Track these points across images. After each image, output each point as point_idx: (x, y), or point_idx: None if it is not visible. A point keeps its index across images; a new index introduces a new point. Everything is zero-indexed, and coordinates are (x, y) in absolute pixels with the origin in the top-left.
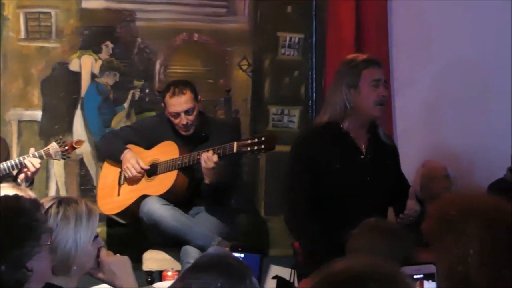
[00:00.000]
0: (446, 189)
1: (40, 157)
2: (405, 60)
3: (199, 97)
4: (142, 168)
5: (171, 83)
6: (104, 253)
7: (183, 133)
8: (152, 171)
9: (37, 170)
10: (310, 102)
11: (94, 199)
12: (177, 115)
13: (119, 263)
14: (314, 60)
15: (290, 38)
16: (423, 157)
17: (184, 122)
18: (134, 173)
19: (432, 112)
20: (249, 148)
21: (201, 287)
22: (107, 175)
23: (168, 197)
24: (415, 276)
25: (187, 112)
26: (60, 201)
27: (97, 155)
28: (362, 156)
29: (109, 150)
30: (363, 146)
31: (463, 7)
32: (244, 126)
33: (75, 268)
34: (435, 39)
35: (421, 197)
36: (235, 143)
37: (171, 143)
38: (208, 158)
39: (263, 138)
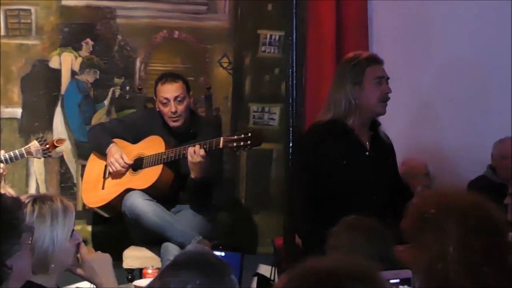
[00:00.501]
0: (426, 187)
1: (21, 155)
2: (385, 59)
3: (191, 93)
4: (126, 163)
5: (164, 73)
6: (85, 250)
7: (172, 123)
8: (137, 165)
9: (1, 175)
10: (290, 99)
11: (74, 196)
12: (167, 101)
13: (99, 261)
14: (294, 57)
15: (271, 36)
16: (407, 156)
17: (173, 109)
18: (118, 167)
19: (413, 109)
20: (235, 144)
21: (180, 285)
22: (93, 168)
23: (153, 191)
24: (391, 281)
25: (177, 99)
26: (35, 199)
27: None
28: (367, 153)
29: (96, 143)
30: (367, 143)
31: (449, 5)
32: (224, 124)
33: (53, 266)
34: (416, 37)
35: None
36: (222, 138)
37: (158, 138)
38: (194, 153)
39: (249, 135)
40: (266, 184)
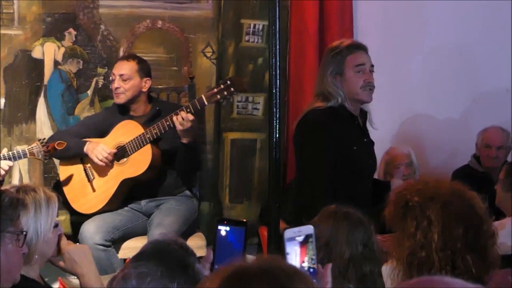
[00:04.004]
0: (408, 176)
1: (24, 155)
2: (370, 47)
3: (148, 79)
4: (111, 152)
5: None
6: (65, 241)
7: (115, 99)
8: (121, 154)
9: (7, 172)
10: (274, 89)
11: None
12: (113, 77)
13: (79, 251)
14: (277, 47)
15: (254, 25)
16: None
17: (115, 85)
18: (105, 155)
19: (398, 99)
20: (219, 96)
21: (140, 278)
22: (69, 177)
23: (149, 173)
24: (297, 238)
25: (122, 77)
26: (18, 190)
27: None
28: (365, 140)
29: (67, 146)
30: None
31: None
32: (208, 114)
33: (36, 256)
34: (403, 25)
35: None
36: (203, 95)
37: (130, 122)
38: (184, 119)
39: (228, 82)
40: (250, 174)
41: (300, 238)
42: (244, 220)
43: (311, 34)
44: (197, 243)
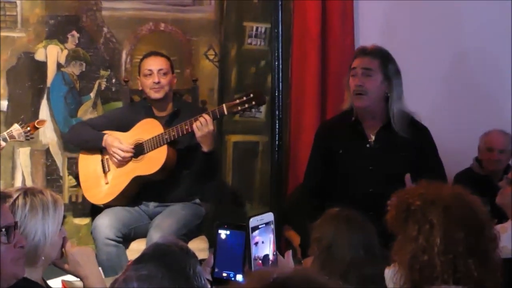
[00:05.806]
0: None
1: (4, 140)
2: None
3: (174, 75)
4: (129, 149)
5: (149, 52)
6: (69, 243)
7: (154, 94)
8: (138, 151)
9: None
10: (276, 92)
11: (60, 189)
12: (151, 72)
13: (83, 254)
14: (280, 50)
15: (257, 28)
16: None
17: (156, 79)
18: (123, 154)
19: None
20: (239, 108)
21: (141, 280)
22: (87, 166)
23: (161, 173)
24: (260, 226)
25: (160, 71)
26: (26, 192)
27: (66, 143)
28: (368, 146)
29: (85, 138)
30: (372, 135)
31: None
32: None
33: (43, 258)
34: (404, 27)
35: None
36: (224, 105)
37: (152, 120)
38: (206, 122)
39: (251, 95)
40: (252, 177)
41: (272, 226)
42: (244, 224)
43: (314, 36)
44: (199, 246)
